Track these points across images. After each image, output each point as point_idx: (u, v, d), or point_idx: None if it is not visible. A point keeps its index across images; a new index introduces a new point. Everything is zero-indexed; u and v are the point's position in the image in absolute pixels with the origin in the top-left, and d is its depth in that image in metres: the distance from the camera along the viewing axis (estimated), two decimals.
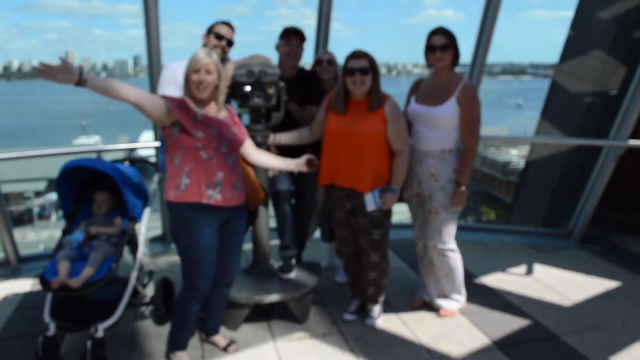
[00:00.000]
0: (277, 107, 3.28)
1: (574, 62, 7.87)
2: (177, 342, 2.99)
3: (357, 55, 3.06)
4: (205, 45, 3.47)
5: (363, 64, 3.03)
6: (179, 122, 2.67)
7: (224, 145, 2.75)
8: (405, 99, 3.50)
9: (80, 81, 2.39)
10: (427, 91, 3.36)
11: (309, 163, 3.11)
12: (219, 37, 3.45)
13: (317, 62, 3.78)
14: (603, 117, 6.59)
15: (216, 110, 2.82)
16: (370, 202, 3.15)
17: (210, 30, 3.48)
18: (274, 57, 3.41)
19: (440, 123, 3.26)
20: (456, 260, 3.45)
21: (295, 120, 3.47)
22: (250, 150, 3.00)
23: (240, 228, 3.00)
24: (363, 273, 3.39)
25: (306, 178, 3.64)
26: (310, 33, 3.60)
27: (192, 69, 2.70)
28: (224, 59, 3.46)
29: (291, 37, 3.47)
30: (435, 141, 3.29)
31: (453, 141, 3.30)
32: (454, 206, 3.33)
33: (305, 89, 3.51)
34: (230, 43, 3.50)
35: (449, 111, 3.22)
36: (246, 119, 3.32)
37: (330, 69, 3.74)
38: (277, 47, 3.53)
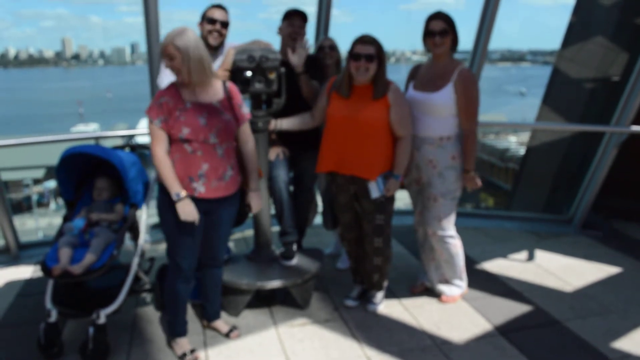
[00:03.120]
0: (278, 92, 3.25)
1: (576, 48, 7.83)
2: (175, 329, 2.99)
3: (364, 40, 3.02)
4: (201, 32, 3.41)
5: (369, 51, 2.99)
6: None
7: (213, 136, 2.69)
8: (404, 85, 3.47)
9: None
10: (425, 77, 3.33)
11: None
12: (212, 22, 3.35)
13: (319, 48, 3.76)
14: (605, 104, 6.57)
15: (211, 93, 2.75)
16: (375, 189, 3.14)
17: (203, 16, 3.39)
18: (274, 43, 3.38)
19: (438, 110, 3.23)
20: (456, 246, 3.45)
21: (302, 92, 3.41)
22: (243, 137, 2.89)
23: (226, 218, 2.93)
24: (367, 259, 3.39)
25: (304, 165, 3.62)
26: (310, 19, 3.56)
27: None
28: (221, 43, 3.41)
29: (294, 18, 3.44)
30: (434, 128, 3.27)
31: (451, 128, 3.27)
32: (470, 189, 3.35)
33: (308, 73, 3.48)
34: (225, 25, 3.39)
35: (446, 98, 3.19)
36: (247, 105, 3.30)
37: (332, 54, 3.71)
38: (280, 30, 3.50)
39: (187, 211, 2.66)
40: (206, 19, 3.37)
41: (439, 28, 3.17)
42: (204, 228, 2.85)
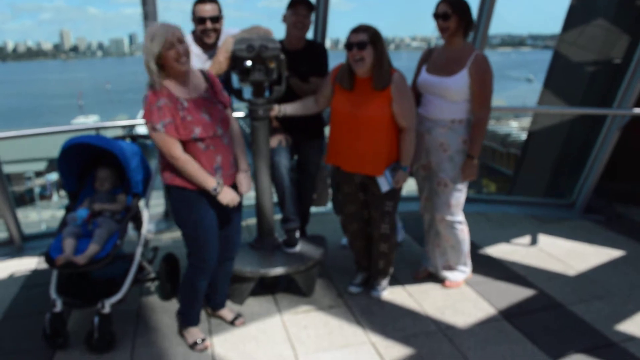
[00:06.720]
0: (278, 80, 3.24)
1: (577, 31, 7.78)
2: (189, 319, 3.00)
3: (357, 29, 2.96)
4: (195, 29, 3.36)
5: (361, 38, 2.93)
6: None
7: (219, 128, 2.70)
8: (407, 72, 3.44)
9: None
10: (438, 61, 3.29)
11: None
12: (202, 21, 3.26)
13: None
14: (607, 86, 6.54)
15: (196, 85, 2.71)
16: (384, 183, 3.13)
17: (193, 14, 3.29)
18: (275, 31, 3.35)
19: (452, 94, 3.21)
20: (464, 232, 3.45)
21: (298, 94, 3.43)
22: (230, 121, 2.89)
23: (239, 206, 2.95)
24: (373, 246, 3.39)
25: (308, 152, 3.62)
26: None
27: (165, 47, 2.52)
28: (217, 39, 3.36)
29: (299, 7, 3.41)
30: (446, 111, 3.24)
31: (464, 112, 3.25)
32: (464, 179, 3.30)
33: (312, 62, 3.46)
34: (216, 19, 3.29)
35: (460, 82, 3.17)
36: (248, 92, 3.28)
37: None
38: (285, 18, 3.47)
39: (230, 197, 2.72)
40: (195, 19, 3.29)
41: (441, 11, 3.14)
42: (223, 221, 2.87)
